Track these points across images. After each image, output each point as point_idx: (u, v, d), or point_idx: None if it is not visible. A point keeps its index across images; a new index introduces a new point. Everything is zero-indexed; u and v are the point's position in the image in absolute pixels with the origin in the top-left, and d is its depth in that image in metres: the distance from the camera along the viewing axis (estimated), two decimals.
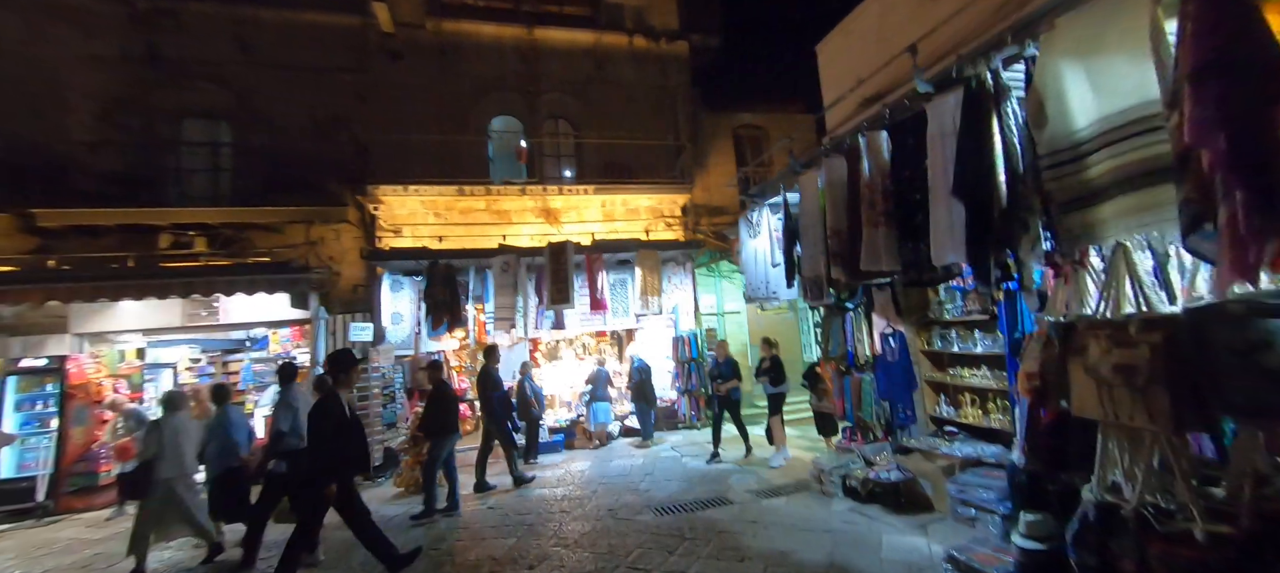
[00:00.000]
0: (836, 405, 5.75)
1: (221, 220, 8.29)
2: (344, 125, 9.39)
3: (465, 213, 9.73)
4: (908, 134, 3.05)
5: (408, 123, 9.47)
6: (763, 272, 5.06)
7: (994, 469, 4.12)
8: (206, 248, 8.31)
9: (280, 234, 8.82)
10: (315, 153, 9.07)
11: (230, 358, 11.40)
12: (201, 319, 8.86)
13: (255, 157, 8.91)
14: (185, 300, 8.55)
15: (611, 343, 11.16)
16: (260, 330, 9.73)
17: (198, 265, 8.14)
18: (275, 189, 8.64)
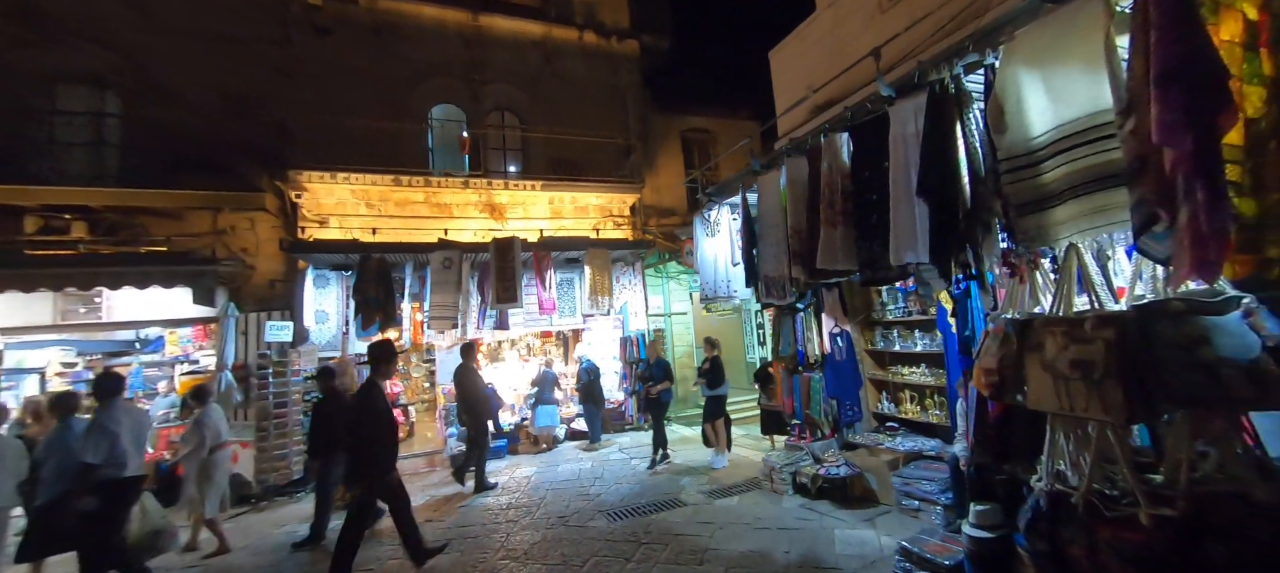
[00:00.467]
0: (786, 404, 5.86)
1: (105, 203, 7.22)
2: (262, 103, 8.49)
3: (402, 205, 9.10)
4: (869, 136, 3.13)
5: (337, 105, 8.73)
6: (720, 272, 5.06)
7: (935, 462, 4.32)
8: (87, 235, 7.20)
9: (180, 221, 7.83)
10: (226, 132, 8.12)
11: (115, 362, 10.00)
12: (80, 317, 7.70)
13: (150, 132, 7.82)
14: (58, 295, 7.40)
15: (557, 344, 10.86)
16: (154, 330, 8.59)
17: (75, 254, 7.04)
18: (175, 170, 7.64)
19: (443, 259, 7.63)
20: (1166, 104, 1.59)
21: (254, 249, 8.24)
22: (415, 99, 9.58)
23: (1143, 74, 1.71)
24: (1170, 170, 1.61)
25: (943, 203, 2.52)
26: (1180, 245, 1.62)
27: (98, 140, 8.02)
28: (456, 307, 7.70)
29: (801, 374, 5.63)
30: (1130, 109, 1.86)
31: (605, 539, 4.55)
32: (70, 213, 7.12)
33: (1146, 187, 1.73)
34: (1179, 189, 1.58)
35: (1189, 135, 1.52)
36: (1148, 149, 1.69)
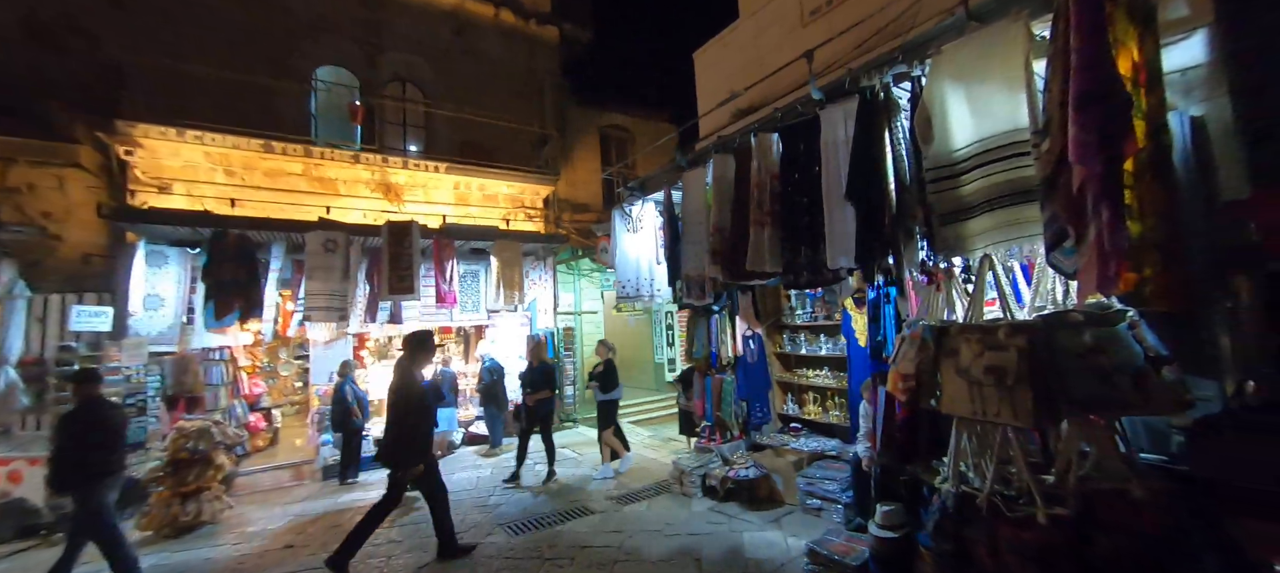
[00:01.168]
0: (697, 406, 5.85)
1: None
2: (85, 37, 6.84)
3: (274, 176, 7.82)
4: (799, 139, 3.13)
5: (189, 48, 7.30)
6: (642, 270, 4.89)
7: (836, 462, 4.50)
8: None
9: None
10: (31, 69, 6.41)
11: None
12: None
13: None
14: None
15: (458, 341, 10.07)
16: None
17: None
18: None
19: (324, 241, 6.64)
20: (1083, 125, 1.67)
21: (62, 215, 6.60)
22: (297, 56, 8.31)
23: (1060, 96, 1.80)
24: (1077, 191, 1.70)
25: (870, 208, 2.55)
26: (1087, 261, 1.70)
27: None
28: (344, 296, 6.75)
29: (714, 376, 5.64)
30: (1047, 129, 1.95)
31: (504, 557, 4.15)
32: None
33: (1058, 204, 1.81)
34: (1087, 208, 1.67)
35: (1100, 157, 1.61)
36: (1060, 169, 1.78)
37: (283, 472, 7.13)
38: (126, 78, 6.88)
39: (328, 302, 6.65)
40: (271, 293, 7.03)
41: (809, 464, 4.64)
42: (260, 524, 5.20)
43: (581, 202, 11.24)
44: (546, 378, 6.36)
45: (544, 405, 6.25)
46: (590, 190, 11.51)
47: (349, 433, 6.57)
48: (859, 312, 4.64)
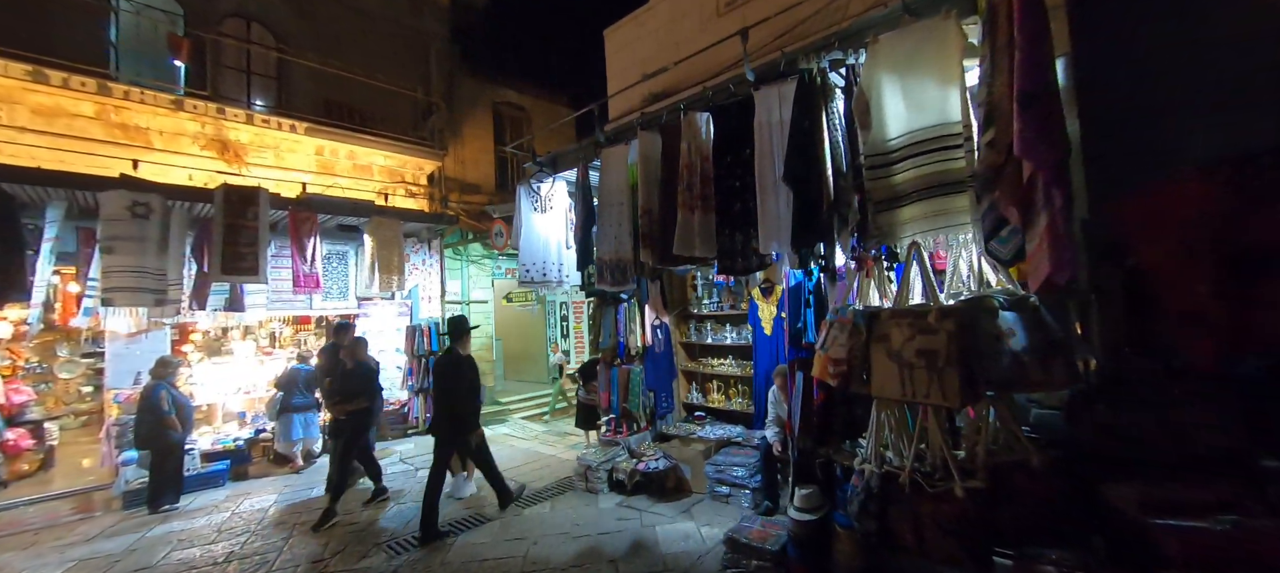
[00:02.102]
0: (603, 398, 5.63)
1: None
2: None
3: (49, 116, 5.95)
4: (732, 119, 3.03)
5: None
6: (551, 253, 4.48)
7: (742, 448, 4.59)
8: None
9: None
10: None
11: None
12: None
13: None
14: None
15: (320, 332, 8.65)
16: None
17: None
18: None
19: (129, 204, 5.17)
20: (1028, 121, 1.75)
21: None
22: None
23: (1006, 91, 1.88)
24: (1027, 179, 1.79)
25: (807, 193, 2.53)
26: (1038, 247, 1.80)
27: None
28: (160, 275, 5.34)
29: (620, 367, 5.46)
30: (990, 121, 2.03)
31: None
32: None
33: (1001, 194, 1.91)
34: (1038, 197, 1.76)
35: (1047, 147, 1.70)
36: (1004, 159, 1.87)
37: (61, 503, 5.49)
38: None
39: (137, 281, 5.21)
40: (44, 270, 5.34)
41: (716, 452, 4.67)
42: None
43: (471, 181, 10.35)
44: (364, 382, 4.98)
45: (359, 418, 4.88)
46: (481, 170, 10.66)
47: (163, 449, 5.21)
48: (765, 301, 4.78)
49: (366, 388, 5.02)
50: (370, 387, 5.09)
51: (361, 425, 4.98)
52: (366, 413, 4.99)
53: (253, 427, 6.91)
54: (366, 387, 5.03)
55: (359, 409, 4.89)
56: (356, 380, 4.97)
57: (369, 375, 5.14)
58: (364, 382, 5.04)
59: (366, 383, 5.06)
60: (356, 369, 5.03)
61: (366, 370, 5.15)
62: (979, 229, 2.21)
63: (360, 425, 4.97)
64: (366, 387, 5.03)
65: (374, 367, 5.40)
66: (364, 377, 5.06)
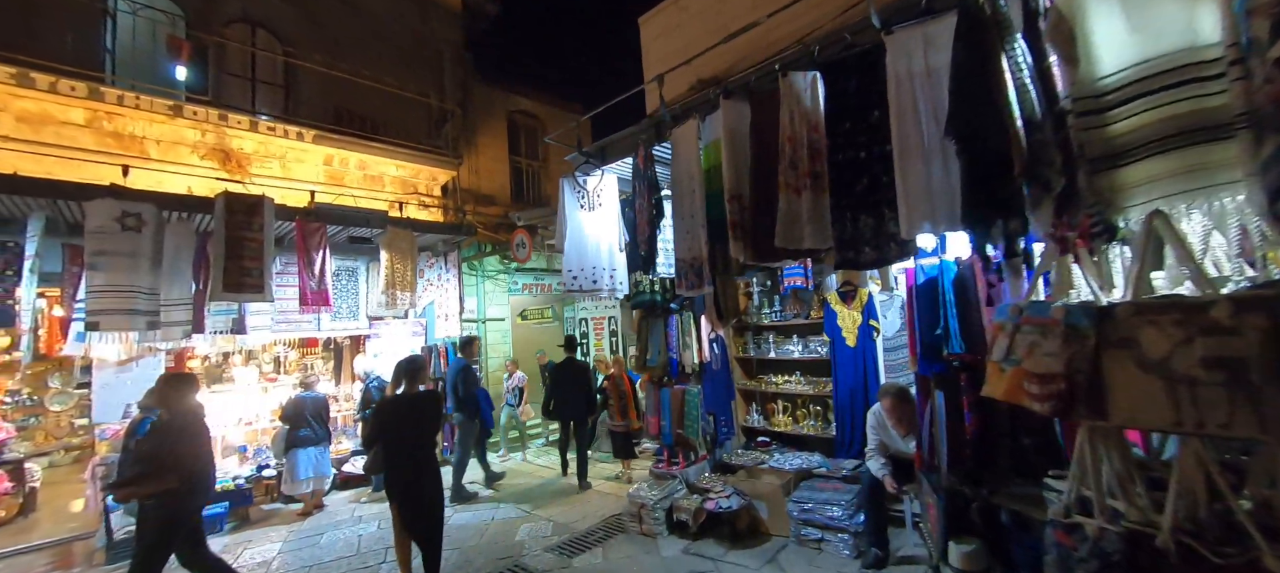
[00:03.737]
0: (650, 423, 4.95)
1: None
2: None
3: (36, 123, 5.44)
4: (850, 76, 2.44)
5: None
6: (601, 257, 3.85)
7: (829, 481, 3.89)
8: None
9: None
10: None
11: None
12: None
13: None
14: None
15: (327, 356, 8.03)
16: None
17: None
18: None
19: (118, 215, 4.59)
20: None
21: None
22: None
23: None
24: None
25: (982, 153, 1.91)
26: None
27: None
28: (151, 295, 4.73)
29: (672, 387, 4.79)
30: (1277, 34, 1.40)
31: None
32: None
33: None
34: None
35: None
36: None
37: (38, 555, 4.82)
38: None
39: (126, 302, 4.60)
40: (26, 292, 4.75)
41: (796, 486, 3.97)
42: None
43: (486, 192, 9.81)
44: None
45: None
46: (497, 181, 10.13)
47: None
48: (846, 307, 4.13)
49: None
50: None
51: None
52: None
53: (255, 462, 6.25)
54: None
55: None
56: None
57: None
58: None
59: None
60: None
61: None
62: (1259, 187, 1.56)
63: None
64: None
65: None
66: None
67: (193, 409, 3.56)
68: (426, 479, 3.42)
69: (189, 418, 3.47)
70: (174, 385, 3.58)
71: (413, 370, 3.64)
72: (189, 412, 3.50)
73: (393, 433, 3.43)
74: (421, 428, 3.47)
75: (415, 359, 3.80)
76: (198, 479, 3.34)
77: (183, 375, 3.88)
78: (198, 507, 3.45)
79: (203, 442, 3.48)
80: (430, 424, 3.56)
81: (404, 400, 3.53)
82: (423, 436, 3.49)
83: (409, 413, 3.46)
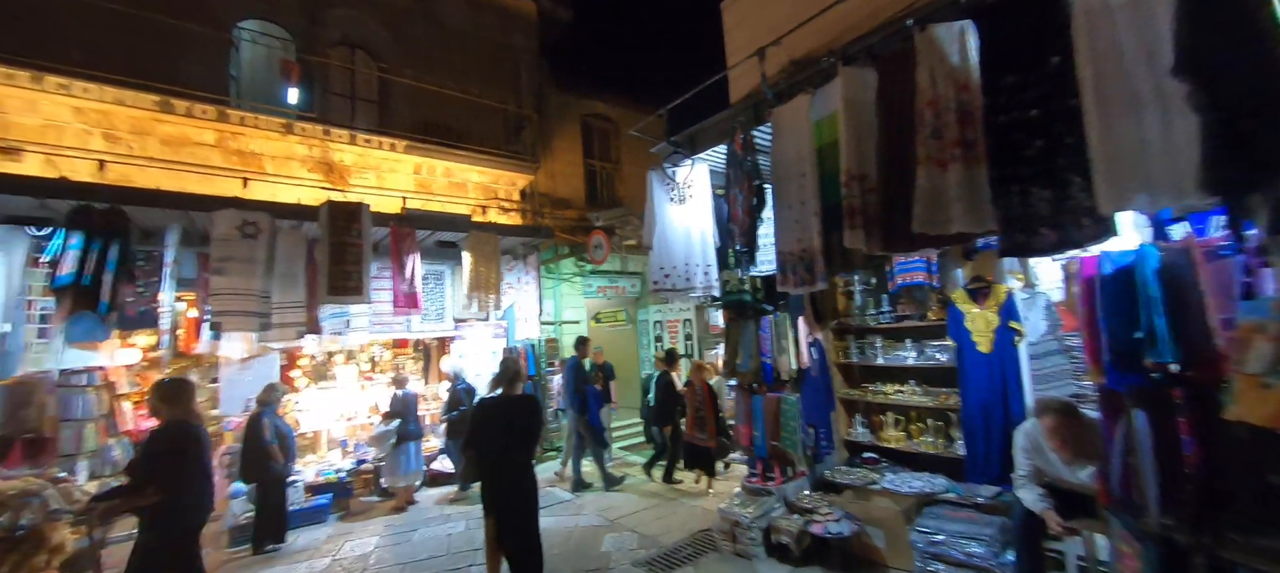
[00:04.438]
0: (741, 433, 4.59)
1: None
2: None
3: (175, 145, 6.07)
4: (1012, 19, 1.99)
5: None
6: (693, 252, 3.59)
7: (960, 509, 3.34)
8: None
9: None
10: None
11: None
12: None
13: None
14: None
15: (416, 356, 8.39)
16: None
17: None
18: None
19: (239, 225, 4.97)
20: None
21: None
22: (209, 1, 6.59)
23: None
24: None
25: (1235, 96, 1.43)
26: None
27: None
28: (266, 298, 5.08)
29: (765, 395, 4.41)
30: None
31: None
32: None
33: None
34: None
35: None
36: None
37: None
38: None
39: (243, 304, 4.97)
40: (168, 294, 5.27)
41: (919, 513, 3.46)
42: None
43: (562, 196, 9.87)
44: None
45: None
46: (572, 185, 10.18)
47: (266, 483, 4.87)
48: (978, 307, 3.55)
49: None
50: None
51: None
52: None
53: (355, 456, 6.59)
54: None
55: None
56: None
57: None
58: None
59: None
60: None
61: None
62: None
63: None
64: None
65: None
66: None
67: (183, 420, 3.12)
68: (519, 490, 3.31)
69: (177, 431, 3.05)
70: (162, 394, 3.23)
71: (516, 373, 3.52)
72: (178, 423, 3.08)
73: (485, 436, 3.33)
74: (514, 433, 3.33)
75: (515, 362, 3.66)
76: (186, 497, 2.96)
77: (175, 382, 3.43)
78: (187, 527, 3.03)
79: (191, 458, 3.03)
80: (526, 430, 3.39)
81: (500, 403, 3.42)
82: (518, 441, 3.35)
83: (502, 416, 3.34)
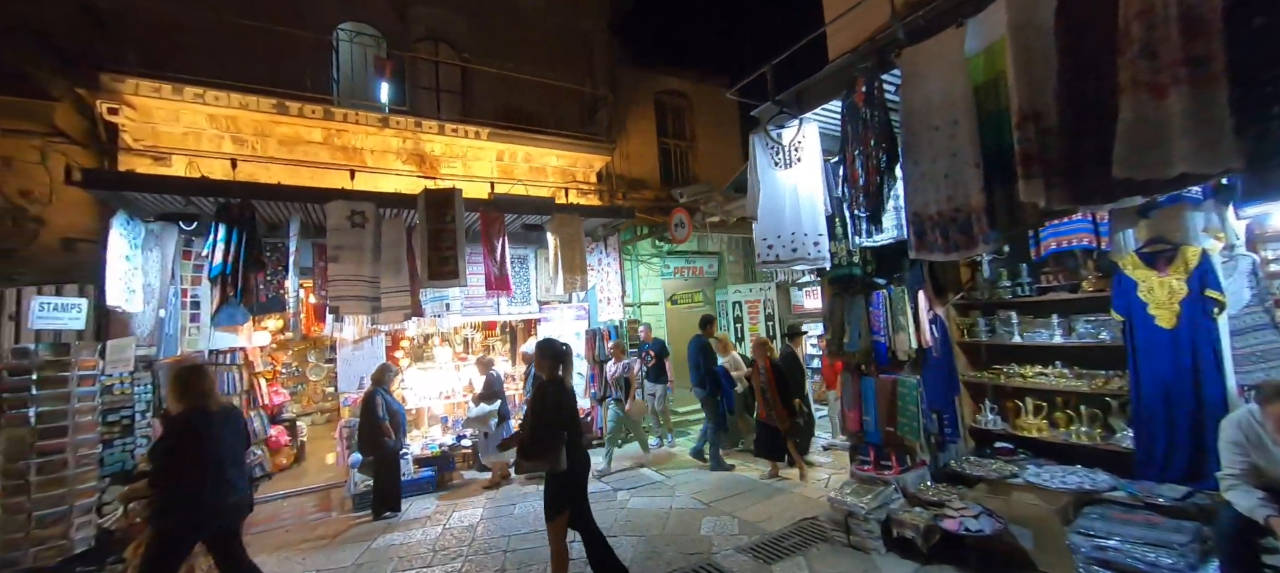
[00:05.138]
0: (848, 418, 4.26)
1: None
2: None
3: (290, 145, 6.57)
4: None
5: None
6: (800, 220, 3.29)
7: (1135, 511, 2.85)
8: None
9: None
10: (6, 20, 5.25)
11: None
12: None
13: None
14: None
15: (503, 338, 8.70)
16: None
17: None
18: None
19: (347, 214, 5.28)
20: None
21: (45, 195, 5.42)
22: (314, 8, 7.02)
23: None
24: None
25: None
26: None
27: None
28: (375, 283, 5.39)
29: (877, 376, 4.04)
30: None
31: None
32: None
33: None
34: None
35: None
36: None
37: (307, 500, 5.84)
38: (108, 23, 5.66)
39: (355, 289, 5.30)
40: (292, 281, 5.75)
41: (1077, 513, 3.00)
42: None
43: (637, 176, 9.73)
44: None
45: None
46: (646, 164, 10.00)
47: (381, 456, 5.20)
48: (1161, 274, 2.98)
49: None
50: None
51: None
52: None
53: (454, 433, 6.94)
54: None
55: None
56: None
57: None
58: None
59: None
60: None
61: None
62: None
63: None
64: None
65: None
66: None
67: (185, 413, 2.82)
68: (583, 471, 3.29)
69: (176, 425, 2.82)
70: (170, 386, 2.92)
71: (567, 355, 3.29)
72: (178, 417, 2.83)
73: (566, 422, 3.15)
74: (577, 419, 3.27)
75: (559, 343, 3.35)
76: (183, 490, 2.71)
77: (182, 372, 2.99)
78: (181, 523, 2.71)
79: (186, 451, 2.73)
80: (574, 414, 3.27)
81: (566, 389, 3.23)
82: (579, 426, 3.29)
83: (571, 402, 3.24)
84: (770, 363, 5.47)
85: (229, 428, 3.00)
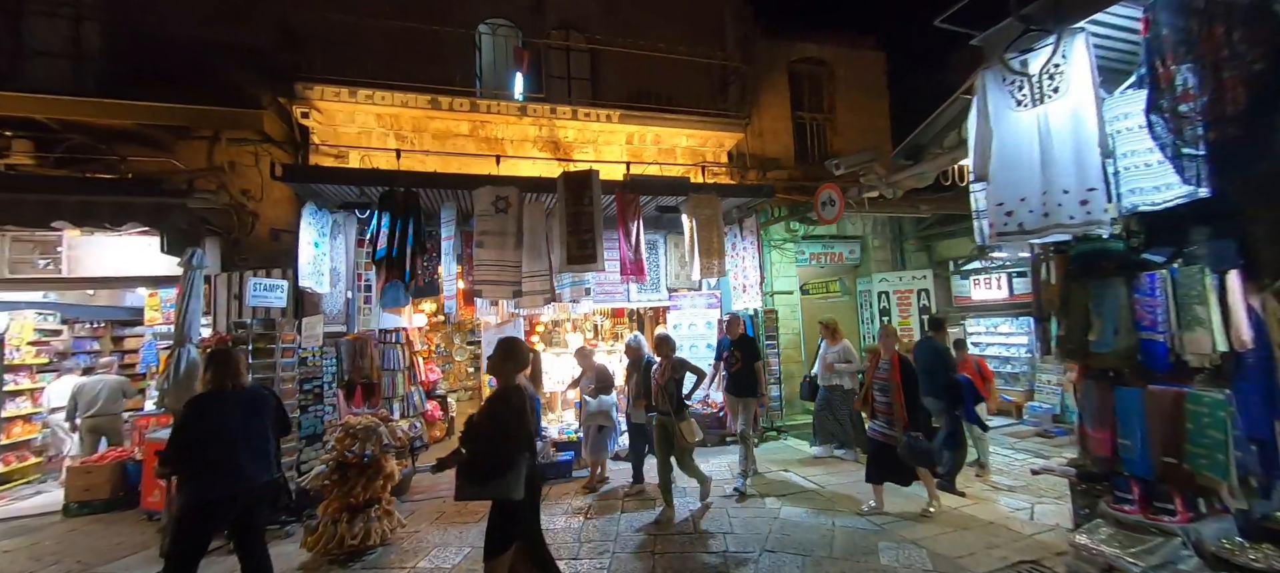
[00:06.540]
0: (1100, 441, 3.25)
1: (56, 115, 5.36)
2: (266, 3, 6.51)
3: (442, 137, 6.97)
4: None
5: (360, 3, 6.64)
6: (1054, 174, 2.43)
7: None
8: (32, 157, 5.40)
9: (164, 151, 5.94)
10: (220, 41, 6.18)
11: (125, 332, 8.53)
12: (38, 270, 5.98)
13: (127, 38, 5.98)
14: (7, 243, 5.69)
15: (631, 325, 8.57)
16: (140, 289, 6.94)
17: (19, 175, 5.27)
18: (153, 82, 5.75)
19: (493, 199, 5.38)
20: None
21: (258, 193, 6.31)
22: (458, 7, 7.36)
23: None
24: None
25: None
26: None
27: (75, 54, 6.23)
28: (516, 267, 5.46)
29: (1147, 387, 2.99)
30: None
31: None
32: (9, 128, 5.32)
33: None
34: None
35: None
36: None
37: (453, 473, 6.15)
38: (301, 39, 6.40)
39: (500, 275, 5.40)
40: (447, 266, 6.07)
41: None
42: (433, 557, 3.97)
43: (770, 155, 8.96)
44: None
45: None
46: (779, 142, 9.16)
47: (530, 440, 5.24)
48: None
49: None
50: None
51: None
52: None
53: None
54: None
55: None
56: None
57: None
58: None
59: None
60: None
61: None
62: None
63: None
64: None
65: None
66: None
67: (198, 395, 2.85)
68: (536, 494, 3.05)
69: (187, 407, 2.79)
70: (207, 363, 2.90)
71: (531, 359, 3.06)
72: (192, 399, 2.83)
73: (528, 440, 2.89)
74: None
75: (522, 343, 3.02)
76: (189, 471, 2.69)
77: (210, 352, 3.03)
78: (192, 502, 2.66)
79: (190, 432, 2.71)
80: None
81: (528, 397, 2.96)
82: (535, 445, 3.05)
83: (534, 414, 3.00)
84: (898, 357, 4.46)
85: (243, 409, 2.83)
